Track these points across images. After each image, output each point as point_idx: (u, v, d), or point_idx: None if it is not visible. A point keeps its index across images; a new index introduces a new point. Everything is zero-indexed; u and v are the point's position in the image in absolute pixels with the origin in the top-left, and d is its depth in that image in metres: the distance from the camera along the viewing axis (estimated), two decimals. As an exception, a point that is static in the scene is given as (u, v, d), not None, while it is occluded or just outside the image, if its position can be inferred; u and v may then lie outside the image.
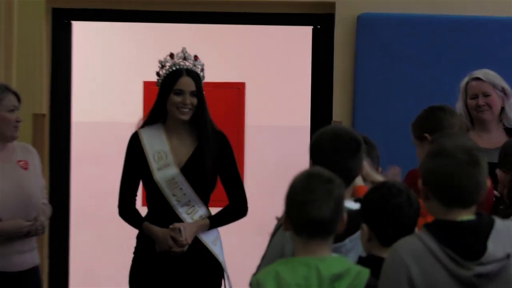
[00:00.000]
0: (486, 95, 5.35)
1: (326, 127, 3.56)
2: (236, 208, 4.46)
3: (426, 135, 4.27)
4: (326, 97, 6.43)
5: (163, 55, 4.56)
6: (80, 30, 7.06)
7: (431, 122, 4.46)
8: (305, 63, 7.01)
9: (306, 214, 2.94)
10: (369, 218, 3.18)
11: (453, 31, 7.38)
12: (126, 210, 4.36)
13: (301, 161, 3.79)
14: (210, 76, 4.78)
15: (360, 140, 3.39)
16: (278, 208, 3.18)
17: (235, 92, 9.10)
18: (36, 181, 4.56)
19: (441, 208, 2.71)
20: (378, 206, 3.19)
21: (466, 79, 5.53)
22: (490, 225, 2.64)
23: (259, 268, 3.25)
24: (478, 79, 5.48)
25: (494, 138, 5.30)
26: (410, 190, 3.21)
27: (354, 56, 6.57)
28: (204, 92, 4.31)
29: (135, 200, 4.41)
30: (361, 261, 3.17)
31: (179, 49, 4.47)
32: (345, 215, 3.07)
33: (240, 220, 4.54)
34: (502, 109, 5.42)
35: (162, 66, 4.31)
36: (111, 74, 8.82)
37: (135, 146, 4.31)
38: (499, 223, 2.75)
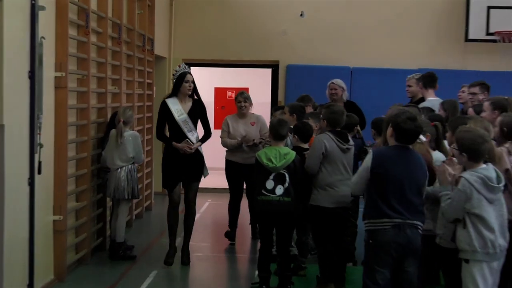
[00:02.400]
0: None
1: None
2: (207, 135, 8.94)
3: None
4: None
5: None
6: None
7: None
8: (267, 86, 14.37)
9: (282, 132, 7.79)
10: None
11: (347, 77, 13.03)
12: (161, 136, 8.92)
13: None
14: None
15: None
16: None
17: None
18: None
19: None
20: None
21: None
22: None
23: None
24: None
25: None
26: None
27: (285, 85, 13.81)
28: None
29: (164, 131, 8.91)
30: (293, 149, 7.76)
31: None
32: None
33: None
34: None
35: (176, 71, 8.62)
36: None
37: (164, 107, 8.66)
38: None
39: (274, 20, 14.62)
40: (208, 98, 15.19)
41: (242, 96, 9.75)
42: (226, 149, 10.31)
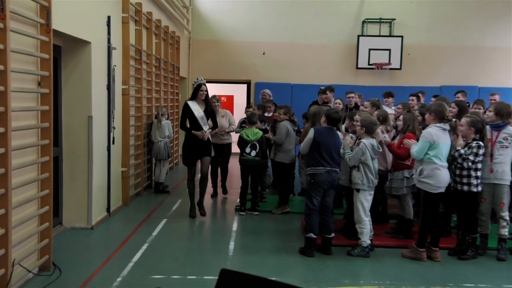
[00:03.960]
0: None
1: None
2: (214, 126, 7.65)
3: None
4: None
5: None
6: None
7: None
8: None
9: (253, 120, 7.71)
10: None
11: (289, 90, 13.47)
12: (184, 127, 7.48)
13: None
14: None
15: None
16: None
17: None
18: None
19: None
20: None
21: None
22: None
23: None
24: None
25: None
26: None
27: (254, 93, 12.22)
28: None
29: (186, 124, 7.42)
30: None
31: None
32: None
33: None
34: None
35: (195, 82, 7.47)
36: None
37: (187, 107, 7.37)
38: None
39: (248, 56, 14.63)
40: (211, 101, 15.35)
41: (215, 98, 8.78)
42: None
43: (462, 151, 5.53)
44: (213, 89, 16.86)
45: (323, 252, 5.79)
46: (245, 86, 15.09)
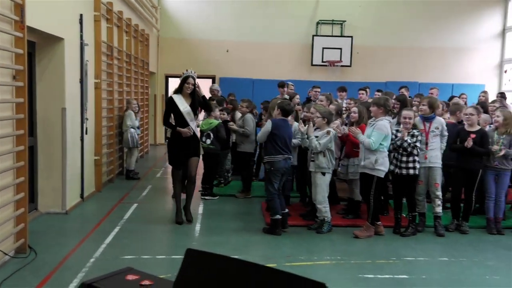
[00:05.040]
0: None
1: None
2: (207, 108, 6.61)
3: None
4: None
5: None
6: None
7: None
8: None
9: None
10: None
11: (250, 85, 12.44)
12: (167, 123, 6.14)
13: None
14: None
15: None
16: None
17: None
18: None
19: None
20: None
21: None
22: None
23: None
24: None
25: None
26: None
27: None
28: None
29: (170, 119, 6.11)
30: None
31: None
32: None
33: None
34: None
35: (183, 73, 6.16)
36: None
37: (171, 101, 6.09)
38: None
39: (213, 53, 14.49)
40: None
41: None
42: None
43: (409, 141, 5.67)
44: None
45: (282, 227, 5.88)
46: (210, 81, 14.97)
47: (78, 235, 5.58)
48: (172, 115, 6.09)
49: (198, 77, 6.53)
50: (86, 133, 7.20)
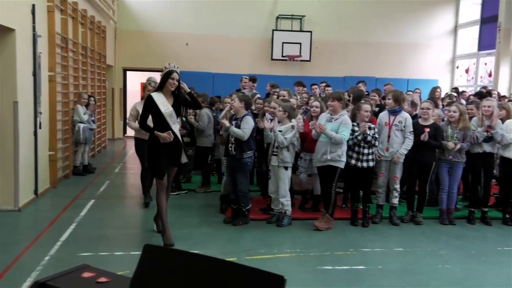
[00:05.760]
0: None
1: None
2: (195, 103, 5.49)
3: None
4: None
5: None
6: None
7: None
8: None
9: None
10: None
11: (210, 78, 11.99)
12: (144, 125, 5.05)
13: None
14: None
15: None
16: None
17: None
18: None
19: None
20: None
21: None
22: None
23: None
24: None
25: None
26: None
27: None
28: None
29: (147, 121, 5.05)
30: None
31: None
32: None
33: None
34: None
35: (165, 68, 5.15)
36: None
37: (151, 101, 5.01)
38: None
39: (172, 46, 14.30)
40: (136, 88, 14.85)
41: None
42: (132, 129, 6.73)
43: (371, 133, 5.79)
44: (139, 77, 16.52)
45: (234, 223, 5.92)
46: (169, 74, 14.77)
47: (32, 232, 5.40)
48: (151, 117, 5.06)
49: (157, 71, 6.26)
50: (40, 128, 6.96)
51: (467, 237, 5.78)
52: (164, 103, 5.02)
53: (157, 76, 6.28)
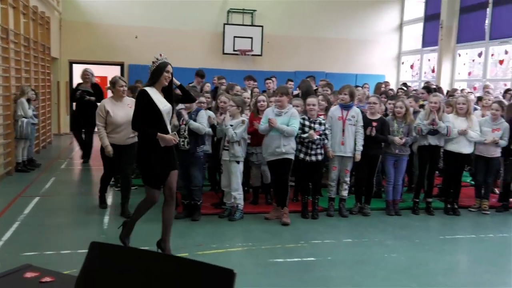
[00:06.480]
0: None
1: None
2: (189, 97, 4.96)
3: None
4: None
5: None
6: None
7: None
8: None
9: None
10: None
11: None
12: (139, 127, 4.34)
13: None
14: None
15: None
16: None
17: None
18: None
19: None
20: None
21: None
22: None
23: None
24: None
25: None
26: None
27: (128, 75, 7.79)
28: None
29: (141, 122, 4.34)
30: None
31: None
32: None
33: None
34: None
35: (157, 59, 4.42)
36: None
37: (146, 97, 4.28)
38: None
39: (121, 38, 13.96)
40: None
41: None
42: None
43: (321, 130, 5.89)
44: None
45: (192, 218, 5.87)
46: (118, 67, 14.43)
47: (-28, 232, 5.15)
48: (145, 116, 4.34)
49: (105, 64, 6.11)
50: (-21, 123, 6.63)
51: (412, 227, 6.00)
52: (160, 100, 4.33)
53: (95, 69, 6.07)
